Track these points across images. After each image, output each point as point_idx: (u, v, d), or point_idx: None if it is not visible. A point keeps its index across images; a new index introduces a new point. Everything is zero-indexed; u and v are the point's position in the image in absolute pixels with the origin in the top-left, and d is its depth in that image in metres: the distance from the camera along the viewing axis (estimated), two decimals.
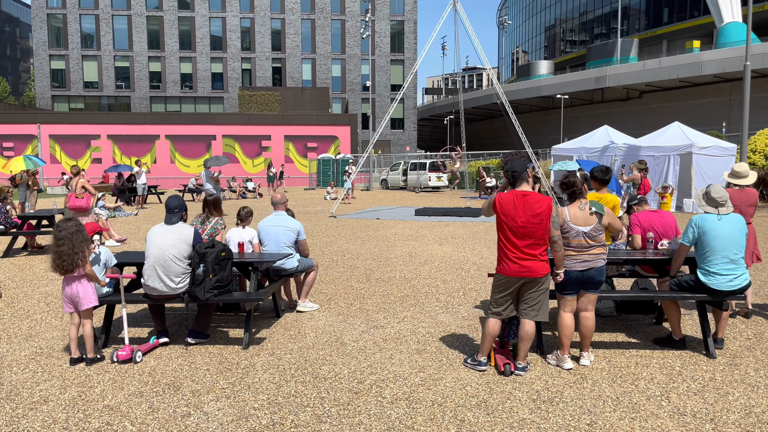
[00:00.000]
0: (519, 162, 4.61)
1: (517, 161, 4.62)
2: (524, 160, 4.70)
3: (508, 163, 4.68)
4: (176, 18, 57.25)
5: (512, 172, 4.59)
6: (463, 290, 7.70)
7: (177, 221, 5.48)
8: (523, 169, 4.57)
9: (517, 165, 4.59)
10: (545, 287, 4.60)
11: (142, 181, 21.46)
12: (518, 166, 4.59)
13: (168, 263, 5.29)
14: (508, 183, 4.65)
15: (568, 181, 4.84)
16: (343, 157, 38.01)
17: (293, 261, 6.43)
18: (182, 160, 42.19)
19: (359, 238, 12.86)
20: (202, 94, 58.21)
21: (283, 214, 6.55)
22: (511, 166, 4.61)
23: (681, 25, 62.98)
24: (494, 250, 11.15)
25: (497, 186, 30.29)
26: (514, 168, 4.59)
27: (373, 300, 7.21)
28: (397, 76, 58.94)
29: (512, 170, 4.59)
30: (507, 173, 4.63)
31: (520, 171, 4.58)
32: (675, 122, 22.17)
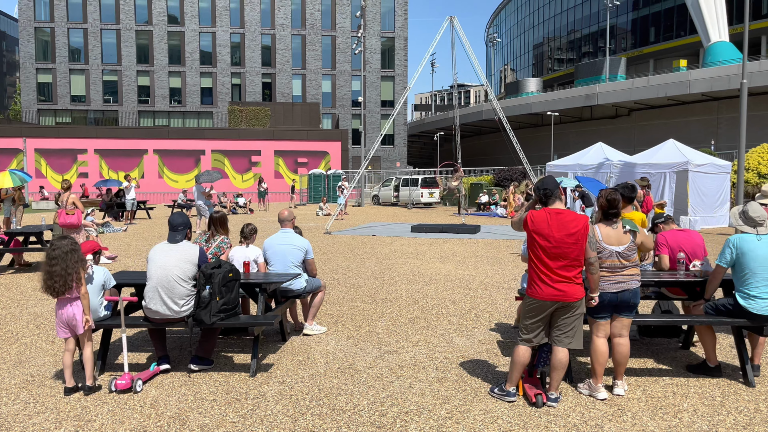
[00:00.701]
0: (550, 179, 4.35)
1: (548, 178, 4.36)
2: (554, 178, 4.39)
3: (539, 181, 4.41)
4: (166, 32, 57.00)
5: (544, 189, 4.33)
6: (474, 311, 7.39)
7: (181, 239, 5.14)
8: (555, 187, 4.30)
9: (549, 182, 4.33)
10: (580, 312, 4.31)
11: (131, 197, 21.02)
12: (550, 183, 4.33)
13: (172, 284, 4.94)
14: (539, 201, 4.38)
15: (612, 199, 4.57)
16: (334, 173, 37.73)
17: (301, 281, 6.10)
18: (171, 175, 41.67)
19: (358, 256, 12.53)
20: (191, 108, 57.82)
21: (291, 232, 6.23)
22: (543, 183, 4.35)
23: (667, 44, 63.81)
24: (498, 268, 10.88)
25: (489, 202, 30.15)
26: (546, 185, 4.33)
27: (382, 322, 6.88)
28: (388, 92, 58.99)
29: (544, 187, 4.33)
30: (538, 191, 4.36)
31: (552, 188, 4.31)
32: (670, 140, 22.13)
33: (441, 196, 33.66)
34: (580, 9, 77.58)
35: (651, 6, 65.65)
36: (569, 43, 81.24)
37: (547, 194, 4.31)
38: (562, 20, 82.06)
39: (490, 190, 31.38)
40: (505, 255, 12.70)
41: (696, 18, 53.05)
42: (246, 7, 57.36)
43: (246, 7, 57.35)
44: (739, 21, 55.08)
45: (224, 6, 57.22)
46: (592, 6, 74.65)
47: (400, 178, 34.49)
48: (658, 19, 65.00)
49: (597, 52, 73.28)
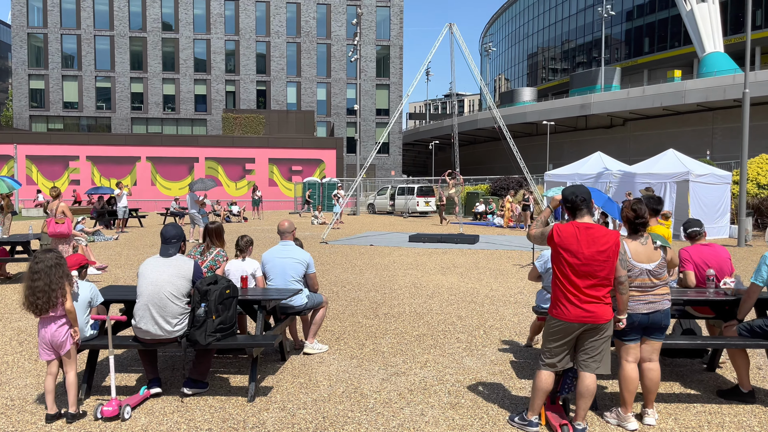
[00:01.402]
0: (583, 188, 3.99)
1: (580, 187, 4.01)
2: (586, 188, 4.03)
3: (569, 188, 4.05)
4: (160, 39, 56.65)
5: (575, 199, 3.96)
6: (483, 328, 7.04)
7: (174, 253, 4.77)
8: (588, 198, 3.95)
9: (582, 191, 3.98)
10: (608, 334, 3.97)
11: (123, 204, 20.58)
12: (583, 192, 3.97)
13: (164, 302, 4.56)
14: (567, 211, 4.02)
15: (638, 208, 4.24)
16: (329, 181, 37.37)
17: (302, 297, 5.73)
18: (164, 183, 41.19)
19: (356, 267, 12.16)
20: (185, 115, 57.40)
21: (291, 244, 5.87)
22: (575, 193, 3.98)
23: (661, 54, 64.03)
24: (502, 281, 10.54)
25: (486, 211, 29.86)
26: (579, 194, 3.97)
27: (386, 340, 6.51)
28: (383, 101, 58.80)
29: (577, 197, 3.96)
30: (571, 200, 4.00)
31: (585, 199, 3.95)
32: (670, 149, 21.95)
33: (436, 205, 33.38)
34: (574, 19, 77.86)
35: (645, 17, 65.91)
36: (563, 53, 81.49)
37: (576, 205, 3.96)
38: (557, 30, 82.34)
39: (486, 200, 31.11)
40: (507, 267, 12.36)
41: (691, 29, 53.23)
42: (241, 14, 57.13)
43: (241, 15, 57.13)
44: (733, 32, 55.35)
45: (219, 13, 56.98)
46: (586, 16, 74.93)
47: (396, 186, 34.18)
48: (652, 30, 65.24)
49: (591, 62, 73.49)
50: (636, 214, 4.26)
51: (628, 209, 4.31)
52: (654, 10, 64.48)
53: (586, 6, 74.89)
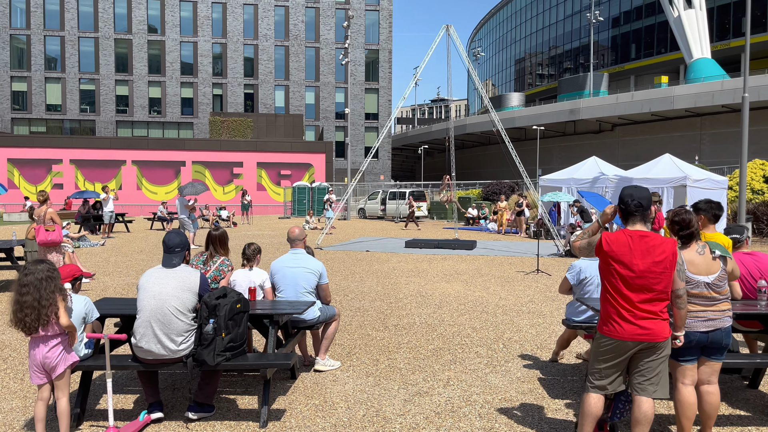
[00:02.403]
0: (643, 190, 3.59)
1: (641, 189, 3.60)
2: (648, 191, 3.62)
3: (628, 188, 3.63)
4: (146, 42, 55.87)
5: (628, 201, 3.55)
6: (501, 341, 6.64)
7: (179, 263, 4.32)
8: (646, 204, 3.56)
9: (642, 194, 3.57)
10: (666, 354, 3.58)
11: (110, 209, 19.95)
12: (642, 195, 3.56)
13: (168, 318, 4.11)
14: (620, 214, 3.62)
15: (681, 220, 3.87)
16: (318, 186, 36.90)
17: (314, 310, 5.30)
18: (150, 187, 40.47)
19: (356, 274, 11.73)
20: (171, 119, 56.62)
21: (302, 253, 5.44)
22: (630, 193, 3.57)
23: (648, 60, 64.39)
24: (509, 288, 10.17)
25: (479, 216, 29.57)
26: (634, 196, 3.56)
27: (401, 354, 6.09)
28: (372, 105, 58.46)
29: (630, 198, 3.55)
30: (623, 201, 3.58)
31: (644, 204, 3.54)
32: (666, 154, 21.76)
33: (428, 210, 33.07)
34: (561, 25, 78.18)
35: (632, 23, 66.30)
36: (550, 59, 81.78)
37: (630, 210, 3.56)
38: (544, 36, 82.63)
39: (479, 204, 30.83)
40: (511, 273, 12.00)
41: (678, 35, 53.53)
42: (228, 17, 56.55)
43: (228, 17, 56.55)
44: (719, 39, 55.77)
45: (206, 16, 56.35)
46: (573, 22, 75.26)
47: (387, 191, 33.81)
48: (638, 36, 65.63)
49: (578, 67, 73.78)
50: (680, 226, 3.89)
51: (669, 221, 3.95)
52: (641, 17, 64.88)
53: (573, 12, 75.23)
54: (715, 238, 4.64)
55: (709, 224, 4.73)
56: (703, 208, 4.74)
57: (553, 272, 12.30)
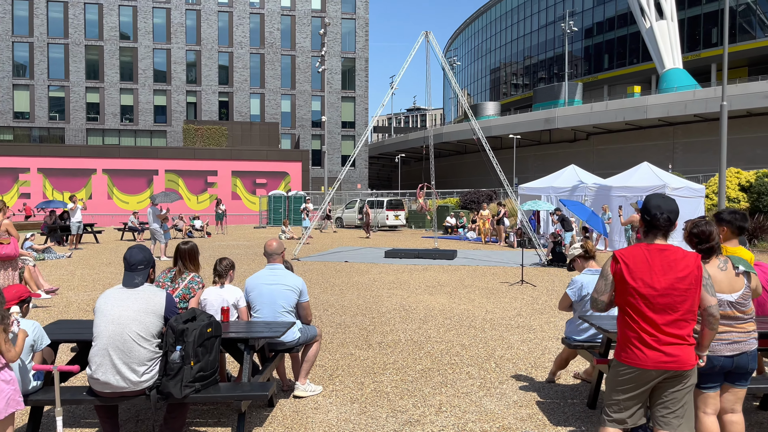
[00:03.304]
0: (672, 204, 3.21)
1: (669, 201, 3.20)
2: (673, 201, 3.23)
3: (655, 198, 3.22)
4: (117, 48, 54.79)
5: (658, 214, 3.17)
6: (493, 359, 6.25)
7: (142, 282, 3.85)
8: (675, 214, 3.18)
9: (669, 207, 3.19)
10: (692, 383, 3.21)
11: (77, 219, 19.17)
12: (670, 209, 3.19)
13: (129, 346, 3.63)
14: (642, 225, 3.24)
15: (701, 232, 3.52)
16: (295, 194, 36.33)
17: (294, 332, 4.84)
18: (121, 196, 39.47)
19: (335, 286, 11.27)
20: (144, 127, 55.52)
21: (280, 268, 4.98)
22: (658, 204, 3.18)
23: (621, 71, 65.25)
24: (495, 301, 9.81)
25: (457, 225, 29.30)
26: (663, 209, 3.17)
27: (387, 377, 5.66)
28: (348, 113, 58.10)
29: (659, 211, 3.16)
30: (650, 213, 3.18)
31: (671, 215, 3.16)
32: (644, 162, 21.77)
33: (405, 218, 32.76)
34: (535, 35, 78.94)
35: (605, 34, 67.17)
36: (525, 69, 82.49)
37: (658, 225, 3.18)
38: (518, 46, 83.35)
39: (457, 213, 30.59)
40: (495, 285, 11.66)
41: (651, 45, 54.30)
42: (203, 24, 55.79)
43: (203, 25, 55.78)
44: (690, 50, 56.74)
45: (180, 23, 55.50)
46: (547, 33, 76.05)
47: (365, 200, 33.41)
48: (611, 47, 66.50)
49: (552, 77, 74.49)
50: (699, 239, 3.54)
51: (687, 233, 3.60)
52: (613, 28, 65.77)
53: (547, 23, 76.04)
54: (738, 252, 4.27)
55: (733, 237, 4.27)
56: (727, 219, 4.26)
57: (538, 283, 11.99)
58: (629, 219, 12.26)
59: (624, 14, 62.83)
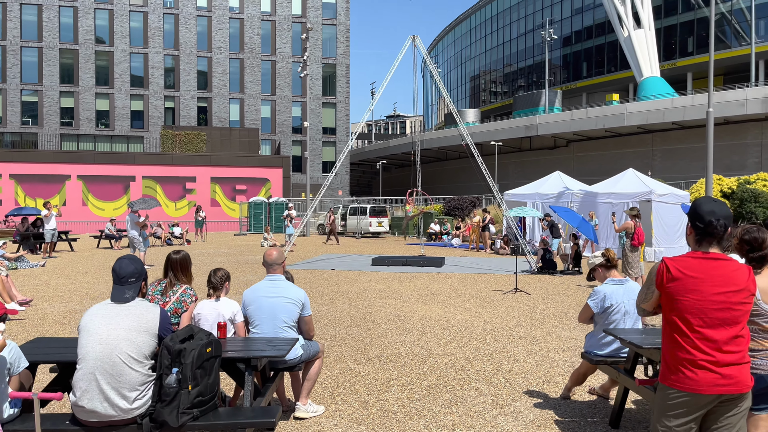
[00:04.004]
0: (723, 206, 2.92)
1: (719, 203, 2.93)
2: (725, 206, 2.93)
3: (706, 203, 2.92)
4: (93, 52, 53.73)
5: (714, 221, 2.88)
6: (501, 373, 5.94)
7: (133, 297, 3.45)
8: (731, 222, 2.89)
9: (723, 213, 2.90)
10: (748, 406, 2.91)
11: (51, 226, 18.49)
12: (724, 214, 2.91)
13: (119, 369, 3.24)
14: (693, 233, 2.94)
15: (753, 238, 3.25)
16: (276, 201, 35.79)
17: (297, 348, 4.47)
18: (96, 203, 38.51)
19: (325, 296, 10.89)
20: (120, 132, 54.46)
21: (281, 280, 4.60)
22: (711, 209, 2.88)
23: (599, 79, 65.93)
24: (491, 310, 9.52)
25: (441, 232, 29.07)
26: (718, 214, 2.89)
27: (393, 394, 5.30)
28: (329, 119, 57.70)
29: (715, 218, 2.87)
30: (703, 220, 2.88)
31: (726, 227, 2.87)
32: (630, 169, 21.78)
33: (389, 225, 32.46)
34: (515, 43, 79.51)
35: (583, 42, 67.87)
36: (505, 76, 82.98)
37: (715, 232, 2.89)
38: (498, 54, 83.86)
39: (441, 220, 30.37)
40: (488, 293, 11.38)
41: (629, 54, 54.90)
42: (181, 28, 55.01)
43: (181, 29, 55.00)
44: (666, 59, 57.53)
45: (157, 27, 54.66)
46: (527, 41, 76.63)
47: (348, 206, 33.03)
48: (590, 55, 67.21)
49: (531, 85, 75.02)
50: (751, 246, 3.27)
51: (738, 239, 3.33)
52: (591, 36, 66.48)
53: (526, 31, 76.64)
54: None
55: None
56: None
57: (531, 291, 11.74)
58: (623, 226, 12.06)
59: (602, 23, 63.56)
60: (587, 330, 8.00)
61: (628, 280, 4.70)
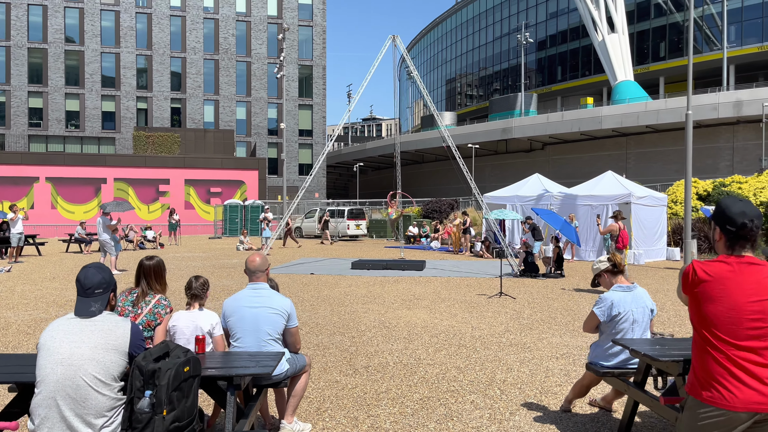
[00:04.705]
0: (752, 206, 2.67)
1: (747, 203, 2.67)
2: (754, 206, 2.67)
3: (735, 203, 2.66)
4: (63, 51, 52.44)
5: (747, 222, 2.62)
6: (495, 384, 5.65)
7: (100, 310, 3.07)
8: (761, 222, 2.63)
9: (754, 212, 2.66)
10: None
11: (18, 230, 17.77)
12: (755, 214, 2.66)
13: (83, 393, 2.86)
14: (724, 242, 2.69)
15: None
16: (252, 203, 35.21)
17: (282, 363, 4.11)
18: (66, 206, 37.47)
19: (305, 301, 10.52)
20: (91, 133, 53.22)
21: (265, 288, 4.24)
22: (742, 210, 2.63)
23: (574, 82, 66.56)
24: (477, 315, 9.26)
25: (420, 234, 28.84)
26: (750, 215, 2.62)
27: (383, 409, 4.97)
28: (306, 121, 57.16)
29: (747, 219, 2.62)
30: (734, 222, 2.63)
31: (757, 227, 2.64)
32: (608, 171, 21.80)
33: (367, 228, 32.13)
34: (490, 47, 79.89)
35: (558, 46, 68.45)
36: (480, 79, 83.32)
37: (750, 235, 2.64)
38: (474, 57, 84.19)
39: (420, 222, 30.14)
40: (473, 297, 11.12)
41: (603, 58, 55.46)
42: (154, 28, 54.01)
43: (154, 29, 54.01)
44: (638, 63, 58.27)
45: (129, 26, 53.59)
46: (502, 44, 77.04)
47: (325, 209, 32.61)
48: (564, 59, 67.80)
49: (507, 88, 75.42)
50: None
51: None
52: (566, 40, 67.08)
53: (501, 34, 77.05)
54: None
55: None
56: None
57: (516, 295, 11.52)
58: (608, 228, 11.94)
59: (576, 27, 64.17)
60: (579, 336, 7.78)
61: (636, 286, 4.44)
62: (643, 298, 4.37)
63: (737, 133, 45.83)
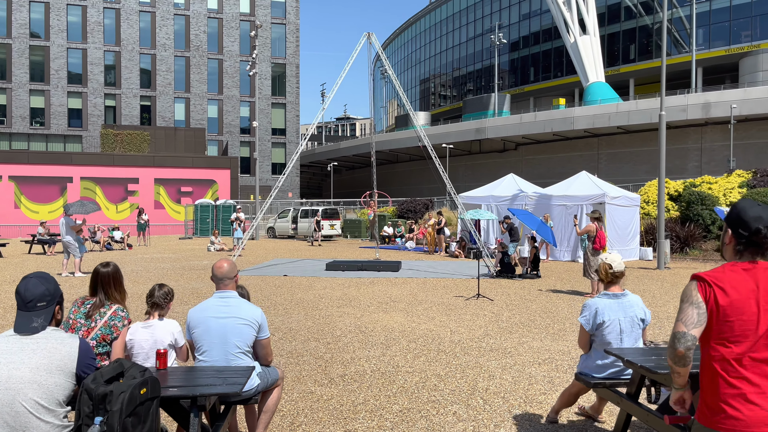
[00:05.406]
0: (766, 208, 2.45)
1: (763, 206, 2.45)
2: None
3: (749, 211, 2.43)
4: (27, 47, 50.90)
5: (763, 228, 2.41)
6: (477, 393, 5.41)
7: (43, 326, 2.73)
8: None
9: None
10: None
11: None
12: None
13: (23, 420, 2.51)
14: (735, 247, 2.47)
15: None
16: (224, 203, 34.56)
17: (252, 378, 3.79)
18: (30, 205, 36.32)
19: (278, 305, 10.17)
20: (57, 131, 51.77)
21: (234, 296, 3.91)
22: (758, 214, 2.40)
23: (546, 83, 67.09)
24: (455, 318, 9.02)
25: (395, 234, 28.60)
26: (765, 217, 2.39)
27: (361, 422, 4.68)
28: (279, 120, 56.48)
29: (763, 224, 2.40)
30: (749, 228, 2.41)
31: None
32: (583, 171, 21.83)
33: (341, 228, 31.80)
34: (464, 47, 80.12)
35: (530, 47, 68.92)
36: (454, 80, 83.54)
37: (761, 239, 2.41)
38: (447, 57, 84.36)
39: (395, 222, 29.91)
40: (450, 299, 10.90)
41: (575, 59, 56.00)
42: (123, 24, 52.78)
43: (123, 24, 52.77)
44: (609, 65, 58.98)
45: (97, 21, 52.27)
46: (476, 45, 77.32)
47: (299, 209, 32.18)
48: (537, 60, 68.30)
49: (480, 89, 75.71)
50: None
51: None
52: (539, 42, 67.58)
53: (475, 35, 77.32)
54: None
55: None
56: None
57: (493, 296, 11.33)
58: (585, 229, 11.82)
59: (549, 29, 64.68)
60: (560, 339, 7.59)
61: (626, 293, 4.22)
62: (633, 307, 4.15)
63: (705, 135, 46.64)
